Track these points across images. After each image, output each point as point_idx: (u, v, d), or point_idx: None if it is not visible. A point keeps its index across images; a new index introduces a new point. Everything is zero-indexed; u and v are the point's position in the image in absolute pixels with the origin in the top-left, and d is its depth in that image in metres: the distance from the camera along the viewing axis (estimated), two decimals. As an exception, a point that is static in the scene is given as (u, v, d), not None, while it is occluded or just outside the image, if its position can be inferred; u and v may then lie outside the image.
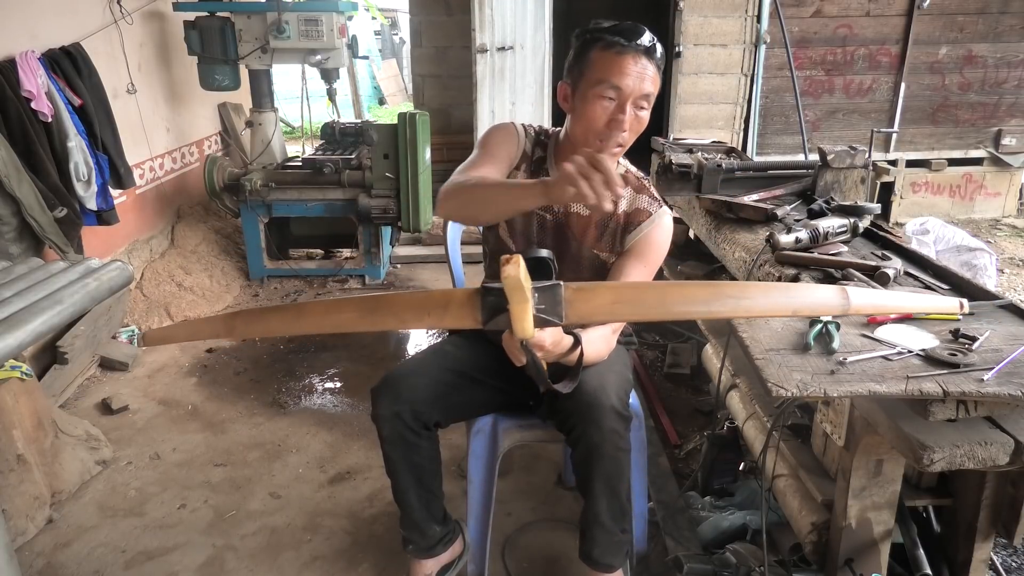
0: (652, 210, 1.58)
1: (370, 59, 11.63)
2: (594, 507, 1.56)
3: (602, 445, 1.48)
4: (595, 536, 1.59)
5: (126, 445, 2.49)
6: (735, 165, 2.44)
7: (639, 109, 1.43)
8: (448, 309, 1.03)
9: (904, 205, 5.12)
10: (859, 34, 4.83)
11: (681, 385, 2.78)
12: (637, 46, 1.39)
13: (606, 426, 1.47)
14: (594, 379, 1.51)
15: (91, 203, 2.96)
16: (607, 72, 1.40)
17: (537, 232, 1.62)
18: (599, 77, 1.40)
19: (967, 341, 1.27)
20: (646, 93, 1.41)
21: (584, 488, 1.56)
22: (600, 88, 1.40)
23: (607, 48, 1.40)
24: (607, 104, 1.41)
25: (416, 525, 1.67)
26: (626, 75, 1.38)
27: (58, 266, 1.67)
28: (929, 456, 1.17)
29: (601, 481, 1.52)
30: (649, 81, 1.41)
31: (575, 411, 1.49)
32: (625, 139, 1.45)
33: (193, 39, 3.79)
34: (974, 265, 3.29)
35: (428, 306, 1.04)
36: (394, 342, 3.38)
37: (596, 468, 1.51)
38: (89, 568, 1.93)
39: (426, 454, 1.61)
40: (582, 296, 1.04)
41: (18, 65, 2.64)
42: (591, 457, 1.50)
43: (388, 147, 3.65)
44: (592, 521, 1.58)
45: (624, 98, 1.40)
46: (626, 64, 1.39)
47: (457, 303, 1.03)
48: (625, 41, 1.39)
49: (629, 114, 1.41)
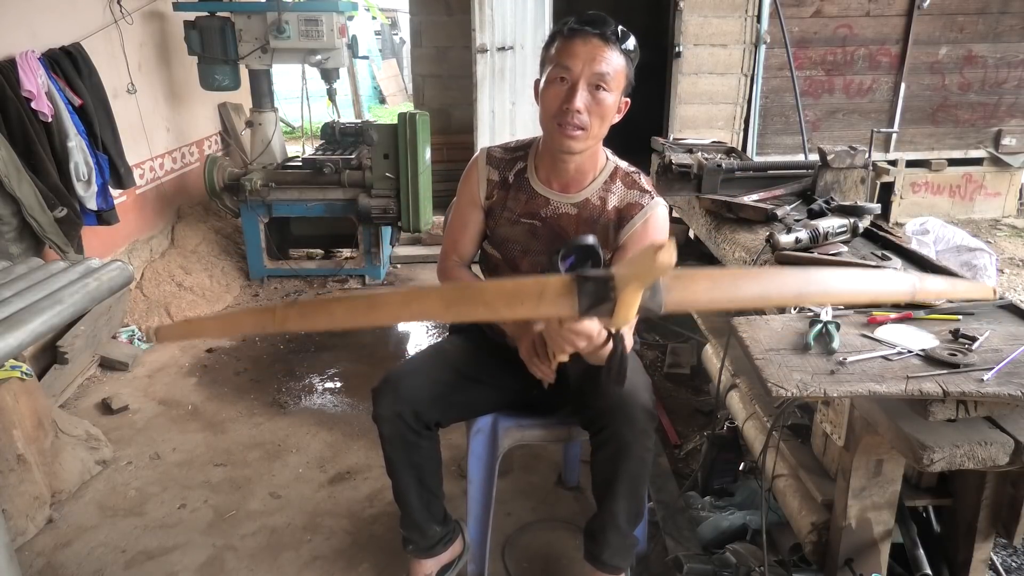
0: (644, 203, 1.57)
1: (370, 59, 11.63)
2: (612, 507, 1.56)
3: (632, 445, 1.49)
4: (607, 538, 1.59)
5: (126, 445, 2.49)
6: (735, 165, 2.44)
7: (596, 90, 1.43)
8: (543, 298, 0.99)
9: (904, 205, 5.12)
10: (859, 34, 4.83)
11: (681, 385, 2.78)
12: (587, 30, 1.42)
13: (639, 426, 1.49)
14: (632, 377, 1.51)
15: (91, 203, 2.96)
16: (558, 56, 1.43)
17: (530, 239, 1.62)
18: (555, 61, 1.44)
19: (967, 341, 1.27)
20: (599, 72, 1.41)
21: (604, 489, 1.56)
22: (553, 71, 1.44)
23: (561, 36, 1.44)
24: (560, 87, 1.43)
25: (417, 525, 1.67)
26: (575, 56, 1.41)
27: (58, 266, 1.68)
28: (929, 456, 1.17)
29: (626, 482, 1.53)
30: (603, 62, 1.41)
31: (608, 409, 1.49)
32: (585, 122, 1.44)
33: (193, 39, 3.79)
34: (974, 265, 3.29)
35: (521, 295, 1.00)
36: (394, 341, 3.38)
37: (623, 468, 1.51)
38: (89, 568, 1.93)
39: (427, 454, 1.61)
40: (680, 283, 1.00)
41: (18, 65, 2.64)
42: (619, 456, 1.51)
43: (388, 147, 3.65)
44: (608, 523, 1.58)
45: (574, 77, 1.41)
46: (575, 46, 1.41)
47: (553, 291, 0.99)
48: (577, 25, 1.43)
49: (583, 96, 1.42)
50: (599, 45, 1.41)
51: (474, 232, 1.68)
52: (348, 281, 4.06)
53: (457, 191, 1.70)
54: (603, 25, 1.42)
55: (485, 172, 1.63)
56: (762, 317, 1.42)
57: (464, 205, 1.67)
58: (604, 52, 1.41)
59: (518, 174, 1.63)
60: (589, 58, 1.40)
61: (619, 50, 1.43)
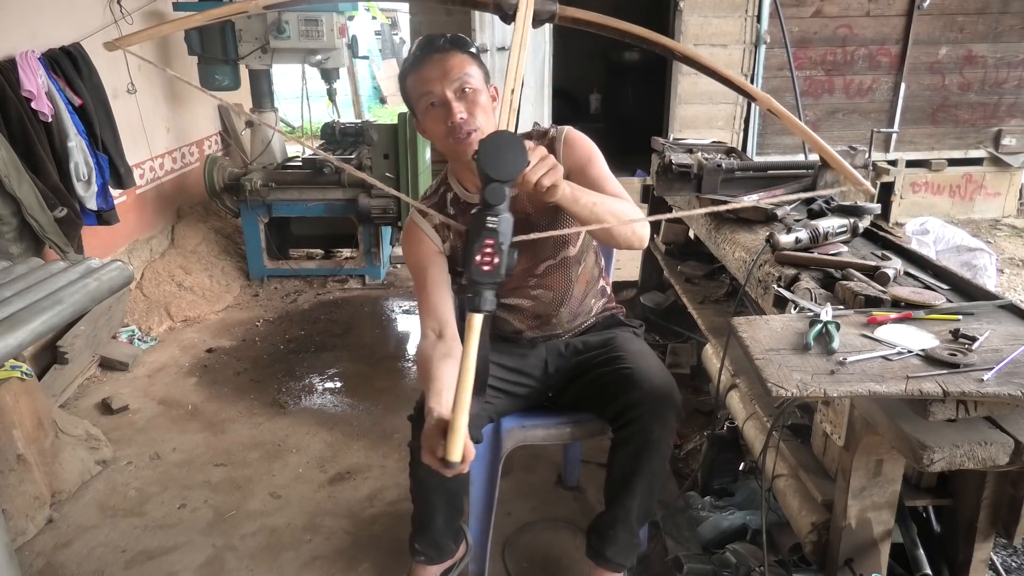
0: (553, 134, 1.60)
1: (370, 59, 11.63)
2: (628, 503, 1.56)
3: (660, 442, 1.51)
4: (617, 535, 1.59)
5: (126, 445, 2.49)
6: (735, 165, 2.44)
7: (464, 94, 1.45)
8: None
9: (904, 205, 5.12)
10: (859, 34, 4.83)
11: (681, 385, 2.75)
12: (431, 50, 1.46)
13: (668, 424, 1.51)
14: (661, 373, 1.55)
15: (91, 203, 2.96)
16: (419, 87, 1.47)
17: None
18: (418, 95, 1.47)
19: (967, 341, 1.27)
20: (456, 79, 1.44)
21: (622, 484, 1.56)
22: (422, 102, 1.47)
23: (412, 70, 1.48)
24: (435, 111, 1.47)
25: (436, 543, 1.67)
26: (430, 79, 1.45)
27: (58, 266, 1.68)
28: (929, 456, 1.17)
29: (646, 478, 1.53)
30: (454, 68, 1.44)
31: (641, 402, 1.50)
32: (474, 123, 1.45)
33: (193, 39, 3.79)
34: (974, 265, 3.29)
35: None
36: (394, 342, 3.38)
37: (645, 464, 1.52)
38: (89, 568, 1.94)
39: (463, 477, 1.61)
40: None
41: (18, 65, 2.64)
42: (643, 452, 1.51)
43: (388, 147, 3.65)
44: (620, 518, 1.58)
45: (440, 95, 1.45)
46: (424, 72, 1.46)
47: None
48: (420, 53, 1.47)
49: (458, 106, 1.44)
50: (440, 59, 1.45)
51: (443, 282, 1.59)
52: (348, 281, 4.06)
53: (408, 264, 1.63)
54: (434, 45, 1.47)
55: (426, 225, 1.61)
56: (762, 317, 1.42)
57: (425, 268, 1.58)
58: (448, 62, 1.45)
59: (452, 202, 1.64)
60: (442, 72, 1.44)
61: (458, 53, 1.47)
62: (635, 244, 1.47)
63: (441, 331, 1.51)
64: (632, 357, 1.61)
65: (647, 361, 1.61)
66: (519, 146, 0.99)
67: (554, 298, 1.68)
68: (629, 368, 1.57)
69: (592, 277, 1.74)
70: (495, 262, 0.99)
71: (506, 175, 0.99)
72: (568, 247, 1.65)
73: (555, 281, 1.67)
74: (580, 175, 1.52)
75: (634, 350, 1.65)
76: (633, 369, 1.56)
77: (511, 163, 0.99)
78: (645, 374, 1.54)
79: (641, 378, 1.53)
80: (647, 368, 1.57)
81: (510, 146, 0.99)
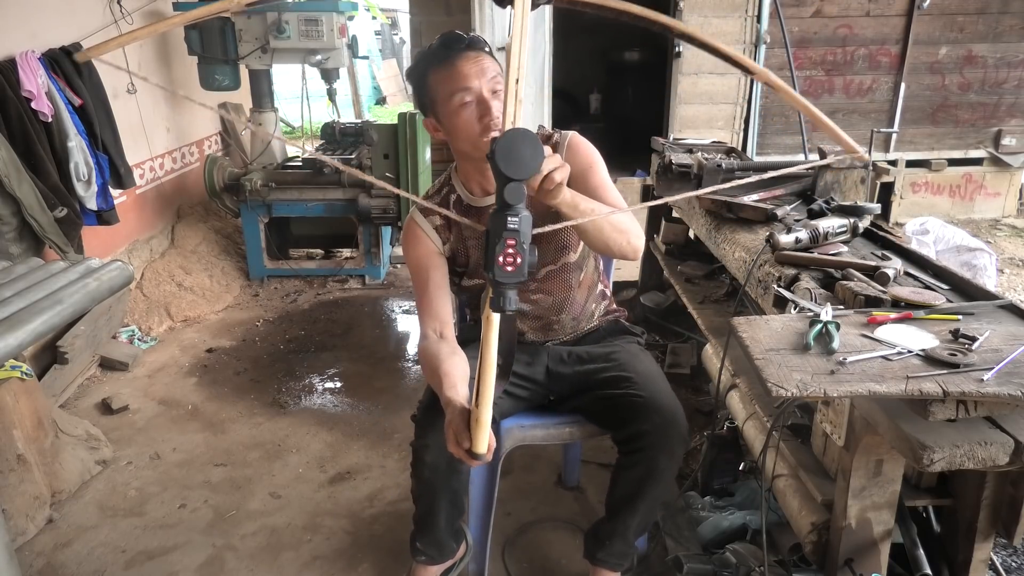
0: (557, 139, 1.59)
1: (370, 59, 11.63)
2: (626, 520, 1.58)
3: (666, 472, 1.51)
4: (612, 545, 1.62)
5: (126, 445, 2.49)
6: (735, 165, 2.44)
7: (495, 95, 1.45)
8: None
9: (904, 205, 5.12)
10: (859, 34, 4.83)
11: (681, 385, 2.77)
12: (461, 47, 1.44)
13: (677, 454, 1.52)
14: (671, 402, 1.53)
15: (91, 203, 2.96)
16: (453, 83, 1.43)
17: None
18: (450, 91, 1.43)
19: (967, 341, 1.27)
20: (491, 79, 1.44)
21: (623, 503, 1.57)
22: (456, 99, 1.43)
23: (440, 65, 1.45)
24: (471, 109, 1.44)
25: (438, 543, 1.68)
26: (467, 75, 1.42)
27: (58, 266, 1.67)
28: (929, 456, 1.17)
29: (648, 502, 1.55)
30: (490, 68, 1.44)
31: (651, 432, 1.50)
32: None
33: (193, 39, 3.79)
34: (974, 265, 3.29)
35: None
36: (394, 342, 3.38)
37: (650, 490, 1.53)
38: (89, 568, 1.94)
39: (465, 477, 1.62)
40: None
41: (18, 65, 2.64)
42: (649, 479, 1.52)
43: (388, 147, 3.65)
44: (617, 532, 1.60)
45: (478, 92, 1.43)
46: (463, 66, 1.43)
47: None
48: (450, 50, 1.44)
49: (495, 104, 1.43)
50: (476, 58, 1.44)
51: (443, 284, 1.60)
52: (348, 281, 4.06)
53: (408, 264, 1.62)
54: (463, 42, 1.45)
55: (427, 225, 1.60)
56: (762, 317, 1.42)
57: (425, 269, 1.58)
58: (484, 61, 1.44)
59: (455, 205, 1.63)
60: (480, 70, 1.43)
61: (487, 54, 1.46)
62: (629, 255, 1.47)
63: (442, 331, 1.52)
64: (642, 381, 1.58)
65: (656, 386, 1.58)
66: (534, 141, 0.97)
67: (554, 303, 1.68)
68: (641, 397, 1.54)
69: (592, 282, 1.74)
70: (518, 262, 0.98)
71: (524, 172, 0.97)
72: (569, 253, 1.64)
73: (555, 286, 1.66)
74: (580, 181, 1.52)
75: (642, 371, 1.63)
76: (645, 398, 1.53)
77: (528, 159, 0.97)
78: (655, 404, 1.52)
79: (651, 409, 1.51)
80: (658, 396, 1.54)
81: (526, 142, 0.97)
